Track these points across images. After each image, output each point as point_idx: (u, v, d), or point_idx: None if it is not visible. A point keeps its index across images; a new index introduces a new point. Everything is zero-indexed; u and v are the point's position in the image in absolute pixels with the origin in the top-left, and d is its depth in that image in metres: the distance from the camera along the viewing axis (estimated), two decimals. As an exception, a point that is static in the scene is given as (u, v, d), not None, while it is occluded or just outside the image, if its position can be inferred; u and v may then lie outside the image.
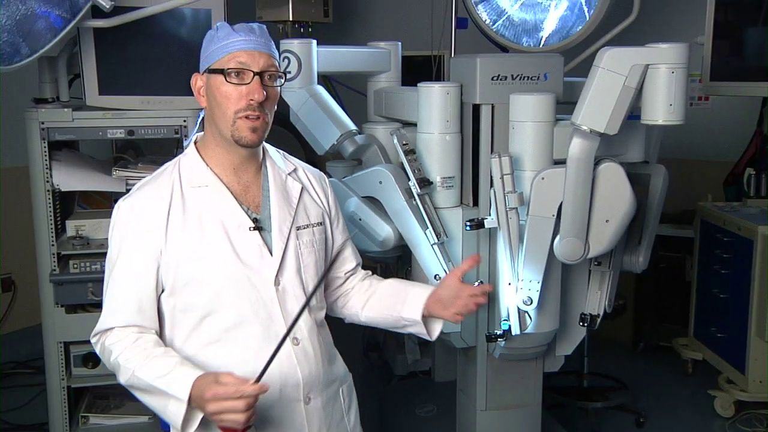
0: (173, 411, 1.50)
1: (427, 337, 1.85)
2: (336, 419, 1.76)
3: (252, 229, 1.63)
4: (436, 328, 1.85)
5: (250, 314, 1.62)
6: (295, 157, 1.84)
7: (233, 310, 1.61)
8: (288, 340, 1.63)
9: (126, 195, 1.66)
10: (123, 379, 1.58)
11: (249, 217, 1.64)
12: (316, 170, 1.86)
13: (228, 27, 1.61)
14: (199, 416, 1.50)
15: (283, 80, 1.64)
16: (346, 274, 1.89)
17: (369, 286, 1.90)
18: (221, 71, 1.58)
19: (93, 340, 1.66)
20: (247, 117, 1.58)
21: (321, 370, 1.71)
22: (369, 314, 1.87)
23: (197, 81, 1.66)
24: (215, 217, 1.61)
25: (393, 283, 1.89)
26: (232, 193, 1.64)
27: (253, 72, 1.57)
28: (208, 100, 1.64)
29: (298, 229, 1.69)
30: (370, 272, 1.96)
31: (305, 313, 1.67)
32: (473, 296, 1.77)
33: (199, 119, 1.81)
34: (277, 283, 1.64)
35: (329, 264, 1.77)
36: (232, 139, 1.60)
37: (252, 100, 1.57)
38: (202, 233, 1.60)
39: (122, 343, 1.59)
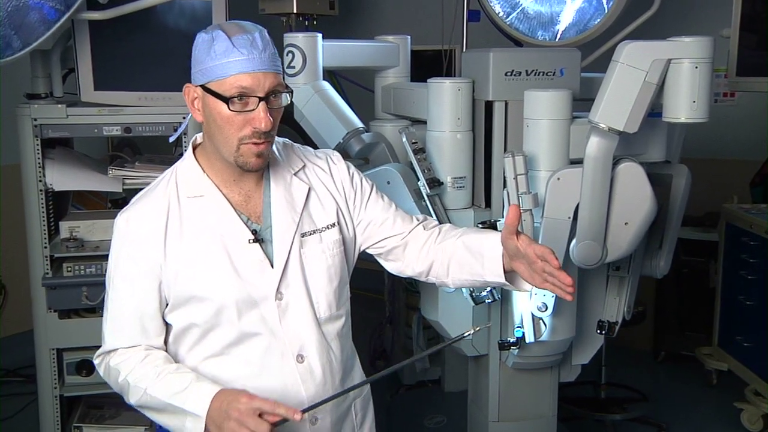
0: (191, 429, 1.50)
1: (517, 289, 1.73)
2: None
3: (252, 241, 1.61)
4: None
5: (253, 330, 1.61)
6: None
7: (234, 327, 1.60)
8: (291, 357, 1.63)
9: (124, 208, 1.65)
10: (134, 399, 1.57)
11: (248, 228, 1.61)
12: (325, 151, 1.79)
13: (226, 40, 1.50)
14: None
15: (289, 97, 1.57)
16: (403, 238, 1.78)
17: (432, 248, 1.77)
18: (222, 98, 1.50)
19: (96, 362, 1.66)
20: (252, 143, 1.53)
21: (330, 389, 1.67)
22: (455, 282, 1.77)
23: (190, 93, 1.57)
24: (213, 231, 1.59)
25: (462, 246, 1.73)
26: (231, 203, 1.62)
27: (258, 98, 1.50)
28: (205, 117, 1.56)
29: (303, 236, 1.65)
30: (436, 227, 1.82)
31: (313, 328, 1.65)
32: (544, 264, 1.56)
33: (186, 123, 1.80)
34: (278, 297, 1.62)
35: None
36: (235, 164, 1.56)
37: (256, 128, 1.52)
38: (199, 248, 1.59)
39: (130, 362, 1.59)
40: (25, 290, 2.96)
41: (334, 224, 1.71)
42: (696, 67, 2.04)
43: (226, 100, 1.50)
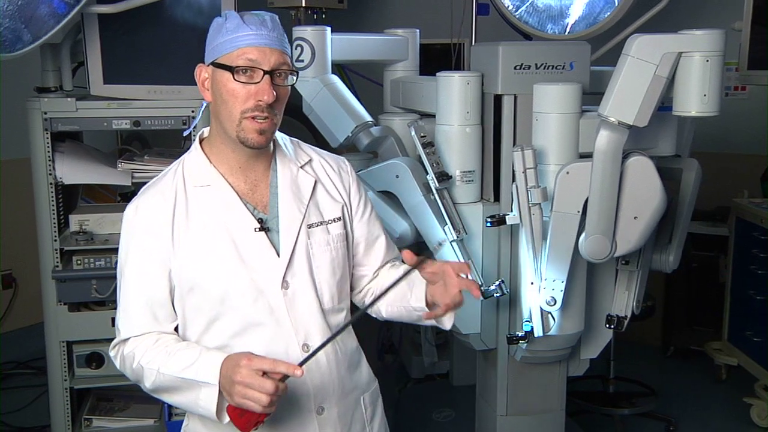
0: (206, 398, 1.51)
1: (441, 327, 1.74)
2: (356, 430, 1.75)
3: (258, 230, 1.62)
4: (448, 318, 1.72)
5: (258, 319, 1.62)
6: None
7: (239, 315, 1.61)
8: (297, 346, 1.63)
9: (133, 199, 1.67)
10: (149, 382, 1.58)
11: (254, 217, 1.63)
12: (337, 157, 1.82)
13: (237, 18, 1.57)
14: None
15: (295, 78, 1.61)
16: (375, 272, 1.82)
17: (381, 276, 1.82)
18: (229, 68, 1.54)
19: (112, 353, 1.68)
20: (254, 118, 1.56)
21: (336, 378, 1.69)
22: (388, 309, 1.78)
23: (202, 72, 1.62)
24: (219, 219, 1.61)
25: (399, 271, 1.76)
26: (237, 192, 1.63)
27: (263, 71, 1.54)
28: (213, 95, 1.60)
29: (309, 228, 1.67)
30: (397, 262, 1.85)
31: (318, 318, 1.67)
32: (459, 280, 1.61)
33: (201, 110, 1.81)
34: (284, 285, 1.63)
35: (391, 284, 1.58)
36: (237, 140, 1.58)
37: (260, 101, 1.54)
38: (206, 236, 1.60)
39: (142, 346, 1.60)
40: (36, 283, 2.97)
41: (339, 218, 1.73)
42: (707, 61, 2.03)
43: (233, 70, 1.54)
